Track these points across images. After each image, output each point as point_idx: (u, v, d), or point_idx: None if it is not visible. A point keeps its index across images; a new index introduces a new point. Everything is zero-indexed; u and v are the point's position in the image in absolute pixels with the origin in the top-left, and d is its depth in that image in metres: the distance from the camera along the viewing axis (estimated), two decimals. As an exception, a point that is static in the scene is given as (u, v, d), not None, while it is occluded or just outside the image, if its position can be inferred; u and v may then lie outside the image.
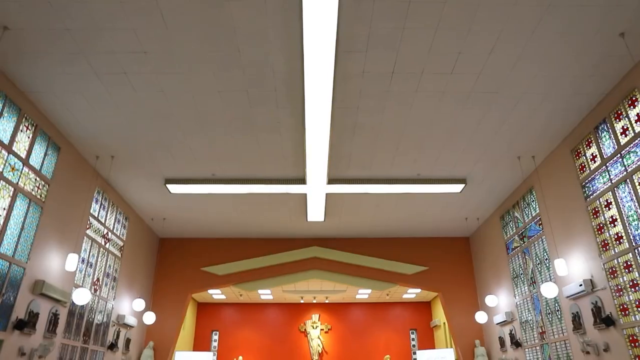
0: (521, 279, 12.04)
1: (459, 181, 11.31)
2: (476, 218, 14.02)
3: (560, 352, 10.15)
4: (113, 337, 11.94)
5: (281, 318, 19.66)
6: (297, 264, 15.03)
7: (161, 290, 14.69)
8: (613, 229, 8.24)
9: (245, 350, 18.51)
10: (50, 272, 8.97)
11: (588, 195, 8.93)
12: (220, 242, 15.31)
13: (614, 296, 8.16)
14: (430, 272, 15.06)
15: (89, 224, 10.72)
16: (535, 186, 10.89)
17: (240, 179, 11.08)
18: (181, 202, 12.57)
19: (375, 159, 10.26)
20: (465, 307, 14.56)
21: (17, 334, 7.93)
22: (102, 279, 11.50)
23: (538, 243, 11.06)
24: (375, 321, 19.52)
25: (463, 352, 14.25)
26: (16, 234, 8.00)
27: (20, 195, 8.08)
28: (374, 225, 14.44)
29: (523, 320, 11.95)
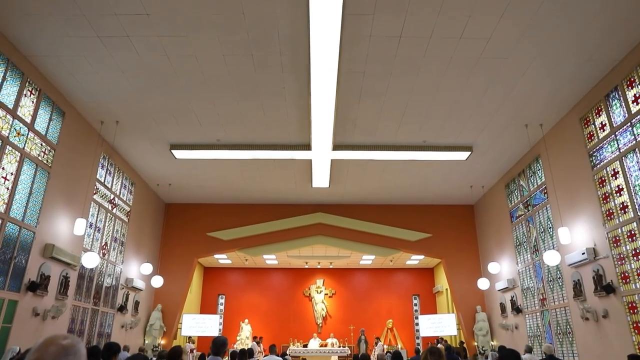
0: (524, 246, 12.13)
1: (465, 149, 11.24)
2: (481, 186, 14.00)
3: (559, 318, 10.32)
4: (122, 300, 12.25)
5: (286, 283, 20.04)
6: (302, 230, 15.19)
7: (168, 254, 14.94)
8: (619, 199, 8.22)
9: (251, 313, 18.95)
10: (59, 236, 9.12)
11: (595, 165, 8.86)
12: (226, 208, 15.44)
13: (616, 264, 8.22)
14: (434, 239, 15.19)
15: (96, 189, 10.81)
16: (542, 155, 10.80)
17: (245, 144, 11.06)
18: (186, 168, 12.61)
19: (380, 125, 10.18)
20: (467, 273, 14.75)
21: (30, 295, 8.15)
22: (110, 243, 11.70)
23: (542, 211, 11.08)
24: (379, 287, 19.86)
25: (464, 318, 14.54)
26: (25, 199, 8.10)
27: (27, 160, 8.12)
28: (379, 192, 14.48)
29: (524, 287, 12.11)
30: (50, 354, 1.37)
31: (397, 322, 19.08)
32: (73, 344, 1.43)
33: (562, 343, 10.18)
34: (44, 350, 1.38)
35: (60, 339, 1.43)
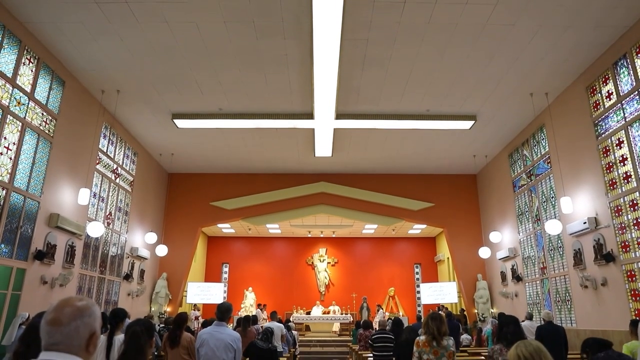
0: (526, 216, 12.18)
1: (468, 118, 11.14)
2: (484, 155, 13.95)
3: (559, 286, 10.46)
4: (128, 268, 12.45)
5: (289, 251, 20.28)
6: (305, 199, 15.26)
7: (172, 224, 15.09)
8: (622, 168, 8.19)
9: (255, 281, 19.27)
10: (63, 206, 9.19)
11: (600, 134, 8.78)
12: (229, 177, 15.48)
13: (617, 234, 8.26)
14: (436, 209, 15.25)
15: (99, 159, 10.83)
16: (546, 124, 10.70)
17: (247, 113, 10.99)
18: (189, 138, 12.57)
19: (384, 93, 10.07)
20: (469, 243, 14.88)
21: (37, 264, 8.28)
22: (114, 213, 11.80)
23: (545, 181, 11.06)
24: (381, 255, 20.09)
25: (465, 286, 14.75)
26: (28, 169, 8.12)
27: (28, 130, 8.10)
28: (382, 162, 14.46)
29: (525, 256, 12.23)
30: (65, 314, 1.41)
31: (398, 290, 19.39)
32: (88, 306, 1.47)
33: (560, 310, 10.36)
34: (59, 311, 1.41)
35: (76, 301, 1.46)
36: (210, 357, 4.19)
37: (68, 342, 1.38)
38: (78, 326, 1.40)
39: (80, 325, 1.41)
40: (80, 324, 1.41)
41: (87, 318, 1.43)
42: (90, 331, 1.44)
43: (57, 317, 1.40)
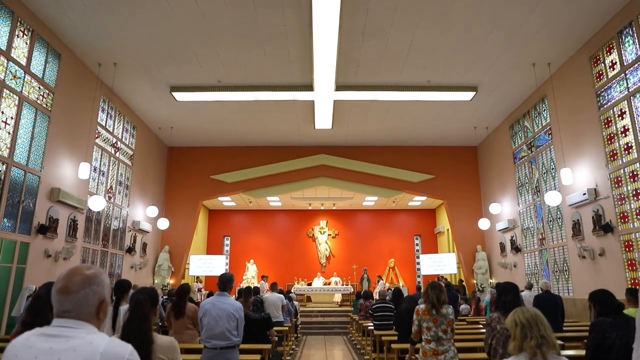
0: (526, 187, 12.21)
1: (469, 89, 11.03)
2: (485, 127, 13.88)
3: (557, 257, 10.58)
4: (130, 242, 12.57)
5: (290, 224, 20.42)
6: (305, 172, 15.27)
7: (173, 197, 15.15)
8: (623, 139, 8.16)
9: (256, 254, 19.47)
10: (64, 180, 9.21)
11: (602, 105, 8.72)
12: (229, 151, 15.45)
13: (616, 205, 8.30)
14: (436, 180, 15.28)
15: (98, 133, 10.78)
16: (548, 95, 10.61)
17: (246, 85, 10.88)
18: (188, 111, 12.48)
19: (384, 64, 9.93)
20: (469, 214, 14.96)
21: (40, 238, 8.36)
22: (115, 187, 11.83)
23: (546, 152, 11.04)
24: (381, 227, 20.23)
25: (464, 257, 14.92)
26: (27, 143, 8.10)
27: (26, 104, 8.03)
28: (382, 134, 14.40)
29: (524, 227, 12.32)
30: (74, 283, 1.44)
31: (398, 262, 19.61)
32: (97, 274, 1.50)
33: (558, 280, 10.50)
34: (69, 280, 1.45)
35: (84, 270, 1.49)
36: (212, 327, 4.27)
37: (78, 310, 1.42)
38: (87, 294, 1.44)
39: (89, 293, 1.45)
40: (89, 292, 1.45)
41: (96, 286, 1.47)
42: (100, 299, 1.48)
43: (66, 286, 1.43)
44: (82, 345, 1.35)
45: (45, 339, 1.37)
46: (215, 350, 4.24)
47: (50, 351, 1.33)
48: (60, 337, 1.37)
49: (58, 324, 1.40)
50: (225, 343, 4.25)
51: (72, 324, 1.40)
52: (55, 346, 1.34)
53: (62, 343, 1.35)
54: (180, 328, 5.43)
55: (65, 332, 1.38)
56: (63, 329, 1.39)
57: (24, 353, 1.35)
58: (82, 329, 1.40)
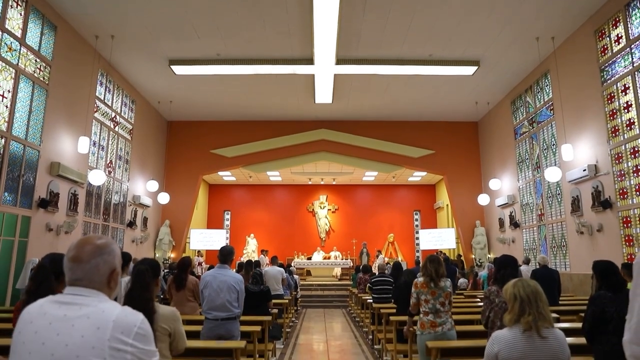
0: (526, 163, 12.20)
1: (471, 63, 10.89)
2: (486, 102, 13.77)
3: (555, 233, 10.65)
4: (131, 216, 12.63)
5: (290, 199, 20.48)
6: (305, 146, 15.24)
7: (173, 172, 15.15)
8: (626, 115, 8.10)
9: (256, 228, 19.60)
10: (64, 154, 9.19)
11: (605, 80, 8.62)
12: (228, 125, 15.38)
13: (616, 181, 8.31)
14: (437, 156, 15.26)
15: (96, 107, 10.70)
16: (551, 70, 10.48)
17: (246, 59, 10.73)
18: (187, 85, 12.36)
19: (385, 38, 9.78)
20: (468, 190, 14.99)
21: (42, 212, 8.39)
22: (114, 161, 11.81)
23: (547, 128, 10.99)
24: (381, 202, 20.31)
25: (463, 232, 15.02)
26: (25, 117, 8.05)
27: (22, 77, 7.94)
28: (383, 108, 14.30)
29: (524, 203, 12.36)
30: (86, 252, 1.46)
31: (398, 237, 19.76)
32: (107, 244, 1.52)
33: (556, 255, 10.60)
34: (80, 249, 1.47)
35: (95, 239, 1.52)
36: (213, 299, 4.33)
37: (90, 278, 1.45)
38: (98, 263, 1.47)
39: (100, 262, 1.47)
40: (100, 262, 1.47)
41: (107, 256, 1.49)
42: (110, 268, 1.50)
43: (77, 255, 1.46)
44: (94, 313, 1.38)
45: (59, 306, 1.40)
46: (216, 321, 4.32)
47: (64, 318, 1.36)
48: (73, 304, 1.40)
49: (71, 292, 1.43)
50: (226, 314, 4.32)
51: (85, 292, 1.43)
52: (69, 313, 1.37)
53: (76, 310, 1.38)
54: (182, 300, 5.51)
55: (78, 300, 1.41)
56: (76, 296, 1.42)
57: (39, 320, 1.38)
58: (94, 297, 1.43)
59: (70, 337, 1.33)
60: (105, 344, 1.33)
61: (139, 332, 1.40)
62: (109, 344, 1.33)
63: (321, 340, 8.64)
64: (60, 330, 1.34)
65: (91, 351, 1.31)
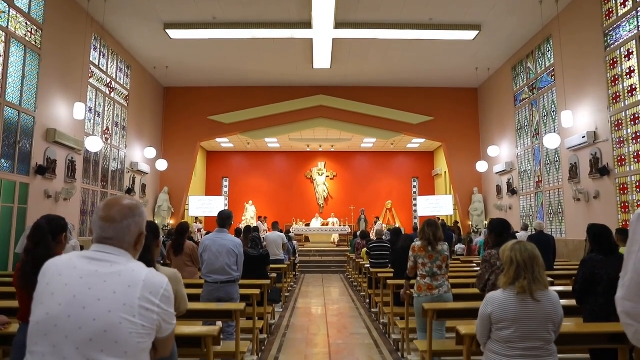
0: (525, 130, 12.15)
1: (472, 27, 10.67)
2: (487, 68, 13.58)
3: (552, 199, 10.72)
4: (129, 183, 12.64)
5: (288, 165, 20.48)
6: (304, 112, 15.12)
7: (170, 138, 15.07)
8: (628, 81, 8.01)
9: (255, 195, 19.67)
10: (60, 121, 9.10)
11: (609, 45, 8.48)
12: (226, 91, 15.19)
13: (614, 148, 8.30)
14: (436, 123, 15.17)
15: (91, 73, 10.53)
16: (554, 34, 10.29)
17: (243, 23, 10.50)
18: (183, 49, 12.12)
19: (385, 0, 9.54)
20: (467, 156, 14.98)
21: (39, 178, 8.38)
22: (111, 128, 11.72)
23: (547, 95, 10.88)
24: (379, 169, 20.32)
25: (461, 199, 15.11)
26: (18, 83, 7.92)
27: (14, 41, 7.77)
28: (382, 74, 14.11)
29: (522, 170, 12.38)
30: (119, 212, 1.47)
31: (396, 204, 19.88)
32: (138, 206, 1.53)
33: (552, 222, 10.71)
34: (112, 209, 1.47)
35: (125, 200, 1.52)
36: (213, 262, 4.39)
37: (120, 238, 1.45)
38: (130, 224, 1.47)
39: (131, 223, 1.48)
40: (131, 223, 1.48)
41: (138, 217, 1.50)
42: (140, 230, 1.51)
43: (111, 215, 1.46)
44: (125, 271, 1.39)
45: (89, 261, 1.40)
46: (216, 284, 4.39)
47: (96, 273, 1.37)
48: (104, 261, 1.40)
49: (100, 249, 1.43)
50: (226, 278, 4.39)
51: (114, 251, 1.43)
52: (100, 269, 1.38)
53: (107, 267, 1.39)
54: (180, 265, 5.58)
55: (108, 258, 1.41)
56: (105, 254, 1.42)
57: (69, 272, 1.37)
58: (123, 257, 1.43)
59: (102, 292, 1.33)
60: (135, 302, 1.35)
61: (164, 294, 1.43)
62: (139, 302, 1.35)
63: (319, 304, 8.82)
64: (92, 285, 1.34)
65: (122, 307, 1.33)
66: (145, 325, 1.36)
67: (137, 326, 1.34)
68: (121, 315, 1.32)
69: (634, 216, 1.36)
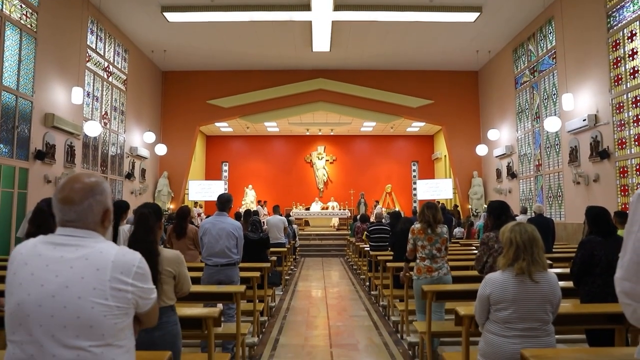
0: (526, 114, 12.09)
1: (473, 9, 10.54)
2: (487, 51, 13.46)
3: (552, 183, 10.73)
4: (129, 168, 12.62)
5: (288, 149, 20.44)
6: (303, 96, 15.03)
7: (169, 123, 15.01)
8: (630, 63, 7.95)
9: (255, 179, 19.67)
10: (58, 105, 9.05)
11: (612, 26, 8.38)
12: (224, 75, 15.08)
13: (615, 131, 8.27)
14: (436, 106, 15.10)
15: (88, 57, 10.43)
16: (556, 16, 10.16)
17: (241, 5, 10.36)
18: (181, 33, 11.99)
19: (386, -17, 9.42)
20: (467, 140, 14.94)
21: (39, 163, 8.37)
22: (110, 112, 11.66)
23: (548, 77, 10.81)
24: (379, 153, 20.29)
25: (461, 183, 15.11)
26: (15, 67, 7.86)
27: (8, 24, 7.68)
28: (381, 57, 13.99)
29: (522, 153, 12.36)
30: (77, 192, 1.39)
31: (395, 188, 19.90)
32: (99, 183, 1.46)
33: (551, 205, 10.73)
34: (70, 189, 1.40)
35: (84, 178, 1.44)
36: (213, 245, 4.41)
37: (84, 219, 1.40)
38: (91, 204, 1.41)
39: (93, 203, 1.41)
40: (93, 202, 1.41)
41: (99, 195, 1.43)
42: (104, 208, 1.45)
43: (70, 197, 1.39)
44: (92, 254, 1.35)
45: (54, 247, 1.36)
46: (216, 267, 4.41)
47: (61, 259, 1.33)
48: (69, 245, 1.36)
49: (64, 232, 1.39)
50: (226, 260, 4.41)
51: (79, 233, 1.39)
52: (65, 255, 1.34)
53: (72, 251, 1.35)
54: (182, 249, 5.59)
55: (74, 241, 1.37)
56: (70, 237, 1.38)
57: (34, 261, 1.33)
58: (90, 238, 1.39)
59: (70, 279, 1.31)
60: (106, 285, 1.32)
61: (137, 272, 1.40)
62: (110, 284, 1.33)
63: (319, 287, 8.89)
64: (59, 272, 1.31)
65: (93, 292, 1.30)
66: (120, 305, 1.34)
67: (112, 308, 1.32)
68: (92, 299, 1.30)
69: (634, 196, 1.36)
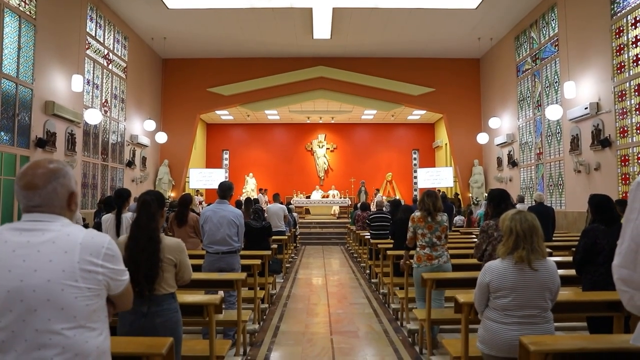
0: (527, 102, 12.04)
1: (477, -4, 10.45)
2: (489, 38, 13.35)
3: (553, 171, 10.72)
4: (129, 156, 12.62)
5: (288, 138, 20.41)
6: (304, 84, 14.97)
7: (170, 111, 14.97)
8: (633, 50, 7.88)
9: (255, 167, 19.67)
10: (58, 93, 9.02)
11: (615, 13, 8.30)
12: (225, 62, 15.00)
13: (617, 119, 8.24)
14: (437, 94, 15.03)
15: (88, 44, 10.37)
16: (559, 2, 10.07)
17: (241, -7, 10.28)
18: (181, 20, 11.90)
19: (387, -31, 9.32)
20: (468, 128, 14.90)
21: (40, 151, 8.37)
22: (110, 100, 11.63)
23: (550, 65, 10.74)
24: (379, 141, 20.25)
25: (461, 171, 15.11)
26: (14, 54, 7.82)
27: (7, 11, 7.62)
28: (382, 45, 13.89)
29: (523, 142, 12.33)
30: (40, 177, 1.39)
31: (396, 176, 19.90)
32: (60, 167, 1.45)
33: (552, 194, 10.73)
34: (32, 174, 1.40)
35: (47, 163, 1.44)
36: (214, 233, 4.42)
37: (49, 204, 1.40)
38: (55, 187, 1.41)
39: (57, 186, 1.42)
40: (57, 185, 1.42)
41: (62, 179, 1.43)
42: (69, 191, 1.45)
43: (32, 182, 1.39)
44: (59, 237, 1.36)
45: (20, 233, 1.35)
46: (217, 255, 4.44)
47: (27, 244, 1.33)
48: (35, 230, 1.36)
49: (30, 218, 1.39)
50: (227, 248, 4.43)
51: (45, 218, 1.39)
52: (32, 239, 1.34)
53: (39, 236, 1.35)
54: (183, 237, 5.61)
55: (40, 226, 1.37)
56: (36, 222, 1.38)
57: (1, 247, 1.33)
58: (56, 222, 1.39)
59: (37, 263, 1.31)
60: (75, 267, 1.33)
61: (107, 253, 1.41)
62: (79, 266, 1.34)
63: (320, 275, 8.94)
64: (26, 257, 1.31)
65: (62, 274, 1.31)
66: (91, 287, 1.35)
67: (82, 289, 1.33)
68: (62, 282, 1.31)
69: (634, 184, 1.36)
